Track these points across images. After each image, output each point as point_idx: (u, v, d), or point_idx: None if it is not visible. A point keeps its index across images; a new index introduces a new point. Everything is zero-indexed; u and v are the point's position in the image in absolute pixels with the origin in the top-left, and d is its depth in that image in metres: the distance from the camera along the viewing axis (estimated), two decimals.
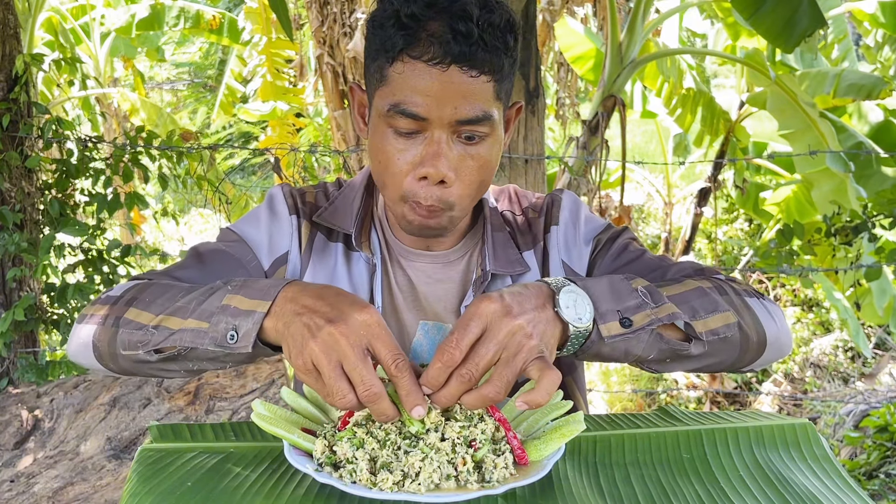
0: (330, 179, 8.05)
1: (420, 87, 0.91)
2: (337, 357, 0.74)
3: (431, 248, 1.10)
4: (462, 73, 0.91)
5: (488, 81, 0.93)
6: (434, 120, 0.92)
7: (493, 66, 0.92)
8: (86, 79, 4.14)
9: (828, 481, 0.85)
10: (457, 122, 0.92)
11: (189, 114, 12.22)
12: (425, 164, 0.94)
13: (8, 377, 3.03)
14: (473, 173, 0.97)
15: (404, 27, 0.91)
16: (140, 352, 0.88)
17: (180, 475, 0.81)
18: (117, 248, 3.04)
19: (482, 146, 0.96)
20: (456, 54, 0.89)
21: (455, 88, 0.91)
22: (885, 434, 3.53)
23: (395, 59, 0.92)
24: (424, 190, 0.96)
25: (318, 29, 5.32)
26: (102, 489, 2.14)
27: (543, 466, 0.81)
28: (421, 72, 0.91)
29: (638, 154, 9.90)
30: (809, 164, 3.83)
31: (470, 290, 1.08)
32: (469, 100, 0.92)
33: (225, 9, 9.15)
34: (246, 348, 0.81)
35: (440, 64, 0.90)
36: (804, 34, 3.09)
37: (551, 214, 1.13)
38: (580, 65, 5.22)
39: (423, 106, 0.91)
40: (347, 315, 0.75)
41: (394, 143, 0.95)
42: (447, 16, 0.90)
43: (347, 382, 0.74)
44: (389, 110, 0.93)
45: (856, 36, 7.35)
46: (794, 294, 6.83)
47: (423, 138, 0.94)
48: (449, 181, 0.95)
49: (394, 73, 0.93)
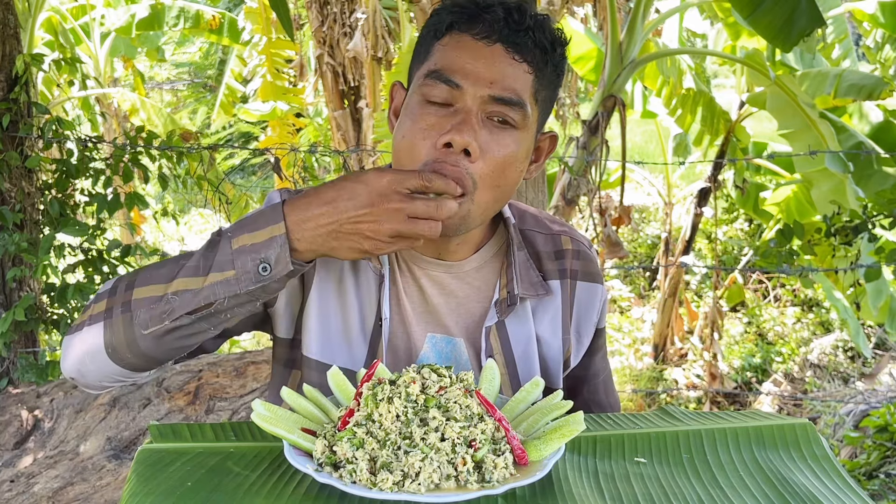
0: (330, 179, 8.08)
1: (463, 57, 0.92)
2: (389, 226, 0.86)
3: (444, 256, 1.06)
4: (506, 54, 0.92)
5: (529, 72, 0.93)
6: (469, 92, 0.92)
7: (537, 60, 0.93)
8: (86, 79, 4.14)
9: (828, 481, 0.85)
10: (490, 98, 0.92)
11: (189, 114, 12.21)
12: (451, 130, 0.92)
13: (8, 377, 3.03)
14: (497, 160, 0.94)
15: (460, 6, 0.93)
16: (167, 322, 0.89)
17: (180, 475, 0.80)
18: (117, 248, 3.04)
19: (510, 138, 0.94)
20: (504, 35, 0.91)
21: (496, 66, 0.92)
22: (885, 434, 3.53)
23: (443, 34, 0.94)
24: (447, 157, 0.92)
25: (318, 29, 5.33)
26: (102, 489, 2.14)
27: (543, 466, 0.81)
28: (466, 43, 0.92)
29: (638, 154, 9.90)
30: (809, 164, 3.83)
31: (493, 309, 1.05)
32: (506, 81, 0.92)
33: (225, 9, 9.14)
34: (287, 267, 0.87)
35: (486, 39, 0.91)
36: (803, 33, 3.09)
37: (591, 271, 1.14)
38: (580, 65, 5.22)
39: (461, 73, 0.92)
40: (364, 191, 0.86)
41: (422, 112, 0.94)
42: (504, 5, 0.93)
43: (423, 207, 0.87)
44: (428, 76, 0.93)
45: (856, 36, 7.35)
46: (794, 294, 6.83)
47: (453, 111, 0.93)
48: (473, 153, 0.92)
49: (439, 46, 0.94)
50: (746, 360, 5.96)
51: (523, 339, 1.07)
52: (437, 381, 0.85)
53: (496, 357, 1.05)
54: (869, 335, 6.00)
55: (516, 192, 2.77)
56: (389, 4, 5.26)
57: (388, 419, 0.81)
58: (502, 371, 1.06)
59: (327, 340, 1.04)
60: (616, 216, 4.39)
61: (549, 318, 1.09)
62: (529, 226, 1.13)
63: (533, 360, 1.07)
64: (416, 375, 0.85)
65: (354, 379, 0.99)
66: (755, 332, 6.47)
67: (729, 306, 6.33)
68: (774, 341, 6.33)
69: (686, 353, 6.06)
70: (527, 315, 1.07)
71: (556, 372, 1.11)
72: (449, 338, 1.06)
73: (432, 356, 1.06)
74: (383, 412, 0.82)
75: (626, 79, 3.91)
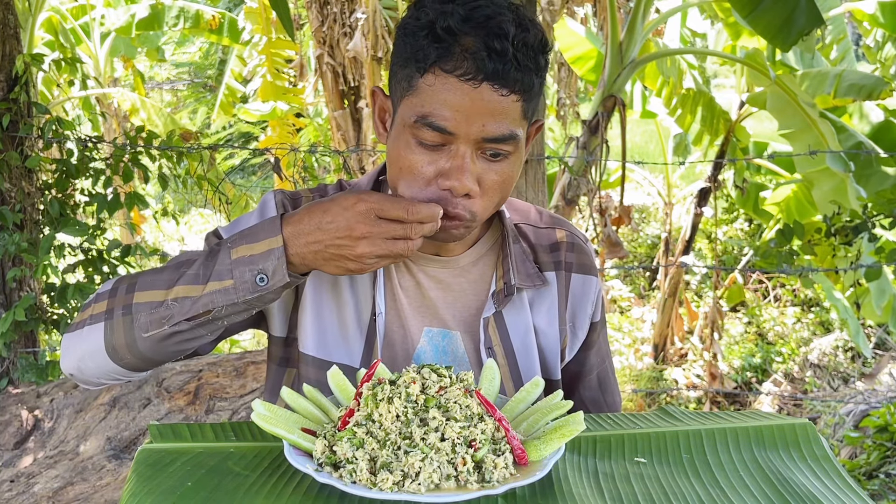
0: (330, 180, 8.00)
1: (450, 102, 0.91)
2: (367, 250, 0.89)
3: (441, 253, 1.08)
4: (493, 92, 0.90)
5: (517, 101, 0.93)
6: (461, 135, 0.92)
7: (524, 85, 0.92)
8: (86, 79, 4.14)
9: (828, 481, 0.85)
10: (483, 140, 0.93)
11: (189, 114, 12.21)
12: (450, 177, 0.94)
13: (8, 377, 3.03)
14: (495, 188, 0.97)
15: (439, 39, 0.91)
16: (166, 327, 0.93)
17: (180, 475, 0.81)
18: (117, 248, 3.04)
19: (505, 163, 0.96)
20: (489, 72, 0.89)
21: (485, 106, 0.91)
22: (885, 434, 3.53)
23: (426, 70, 0.92)
24: (449, 201, 0.96)
25: (318, 29, 5.33)
26: (102, 489, 2.14)
27: (543, 466, 0.81)
28: (452, 86, 0.91)
29: (638, 154, 9.90)
30: (809, 164, 3.83)
31: (490, 301, 1.07)
32: (497, 118, 0.92)
33: (225, 9, 9.14)
34: (283, 280, 0.91)
35: (472, 80, 0.90)
36: (802, 33, 3.09)
37: (585, 263, 1.15)
38: (580, 65, 5.22)
39: (452, 121, 0.91)
40: (343, 216, 0.89)
41: (417, 154, 0.95)
42: (483, 32, 0.89)
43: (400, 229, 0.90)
44: (416, 121, 0.93)
45: (856, 36, 7.35)
46: (794, 294, 6.83)
47: (448, 151, 0.94)
48: (474, 195, 0.96)
49: (424, 85, 0.92)
50: (746, 360, 5.96)
51: (521, 329, 1.08)
52: (437, 381, 0.85)
53: (495, 348, 1.06)
54: (869, 335, 6.00)
55: (516, 192, 2.77)
56: (389, 4, 5.26)
57: (388, 419, 0.82)
58: (502, 362, 1.06)
59: (323, 337, 1.06)
60: (616, 216, 4.38)
61: (545, 308, 1.11)
62: (524, 220, 1.15)
63: (532, 351, 1.08)
64: (416, 375, 0.86)
65: (354, 378, 0.99)
66: (755, 332, 6.47)
67: (729, 306, 6.33)
68: (774, 341, 6.33)
69: (686, 353, 6.06)
70: (524, 306, 1.09)
71: (553, 362, 1.12)
72: (445, 331, 1.08)
73: (429, 349, 1.07)
74: (383, 412, 0.82)
75: (626, 79, 3.91)
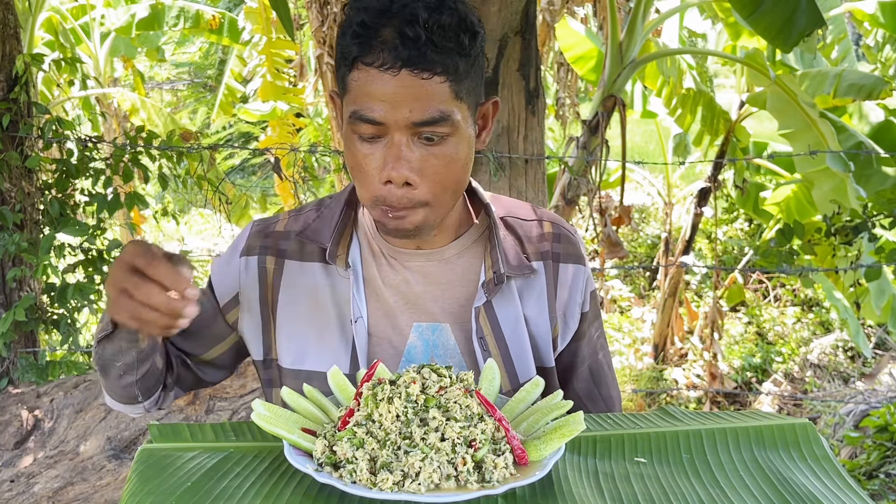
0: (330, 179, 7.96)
1: (375, 93, 0.93)
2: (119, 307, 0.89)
3: (422, 246, 1.09)
4: (413, 77, 0.92)
5: (443, 82, 0.93)
6: (391, 124, 0.94)
7: (447, 66, 0.93)
8: (86, 79, 4.14)
9: (828, 481, 0.85)
10: (413, 125, 0.93)
11: (189, 114, 12.21)
12: (387, 167, 0.95)
13: (8, 377, 3.03)
14: (439, 171, 0.97)
15: (358, 36, 0.93)
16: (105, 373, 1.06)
17: (180, 475, 0.81)
18: (117, 248, 3.04)
19: (445, 146, 0.96)
20: (405, 58, 0.91)
21: (408, 92, 0.92)
22: (885, 434, 3.53)
23: (352, 67, 0.94)
24: (391, 193, 0.97)
25: (318, 29, 5.32)
26: (102, 489, 2.14)
27: (543, 466, 0.81)
28: (374, 78, 0.92)
29: (638, 154, 9.90)
30: (809, 164, 3.83)
31: (481, 290, 1.07)
32: (423, 102, 0.93)
33: (225, 9, 9.13)
34: (108, 328, 0.99)
35: (391, 69, 0.91)
36: (803, 34, 3.08)
37: (572, 252, 1.14)
38: (580, 65, 5.22)
39: (380, 111, 0.93)
40: (112, 270, 0.91)
41: (360, 149, 0.97)
42: (397, 21, 0.91)
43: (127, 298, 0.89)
44: (351, 117, 0.95)
45: (856, 36, 7.35)
46: (794, 294, 6.83)
47: (385, 141, 0.95)
48: (413, 183, 0.96)
49: (352, 81, 0.95)
50: (746, 360, 5.96)
51: (511, 318, 1.08)
52: (437, 381, 0.85)
53: (487, 339, 1.07)
54: (869, 335, 6.00)
55: (516, 192, 2.76)
56: None
57: (388, 419, 0.82)
58: (494, 352, 1.07)
59: (301, 348, 1.09)
60: (616, 216, 4.39)
61: (534, 298, 1.11)
62: (510, 213, 1.16)
63: (523, 340, 1.09)
64: (416, 375, 0.86)
65: (354, 379, 0.99)
66: (755, 332, 6.47)
67: (729, 306, 6.33)
68: (774, 341, 6.33)
69: (686, 353, 6.06)
70: (513, 295, 1.09)
71: (546, 350, 1.12)
72: (435, 324, 1.08)
73: (419, 345, 1.08)
74: (383, 412, 0.82)
75: (626, 79, 3.91)
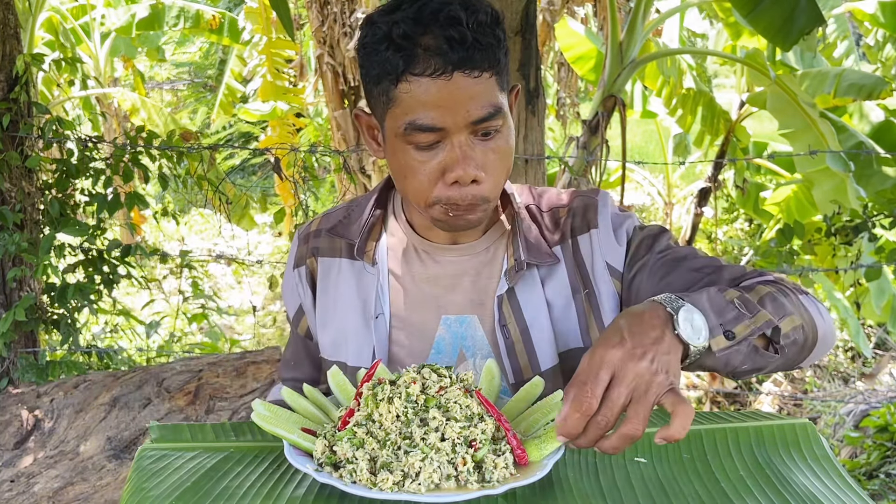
0: (330, 179, 7.93)
1: (430, 101, 0.94)
2: None
3: (458, 240, 1.11)
4: (466, 77, 0.93)
5: (490, 77, 0.96)
6: (450, 127, 0.95)
7: (492, 61, 0.95)
8: (86, 79, 4.14)
9: (828, 481, 0.85)
10: (472, 123, 0.95)
11: (189, 114, 12.20)
12: (454, 169, 0.96)
13: (8, 377, 3.03)
14: (498, 164, 1.00)
15: (400, 48, 0.93)
16: None
17: (180, 475, 0.81)
18: (117, 248, 3.04)
19: (500, 138, 0.99)
20: (455, 61, 0.92)
21: (463, 93, 0.94)
22: (885, 434, 3.53)
23: (399, 80, 0.95)
24: (459, 192, 0.98)
25: (318, 29, 5.32)
26: (102, 489, 2.14)
27: (543, 466, 0.81)
28: (427, 86, 0.93)
29: (638, 154, 9.90)
30: (809, 164, 3.82)
31: (503, 278, 1.09)
32: (478, 100, 0.95)
33: (225, 9, 9.13)
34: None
35: (444, 74, 0.93)
36: (802, 32, 3.08)
37: (587, 218, 1.12)
38: (580, 65, 5.22)
39: (438, 118, 0.94)
40: None
41: (417, 157, 0.98)
42: (437, 27, 0.92)
43: None
44: (406, 129, 0.96)
45: (857, 35, 7.34)
46: None
47: (444, 146, 0.97)
48: (480, 179, 0.98)
49: (401, 94, 0.95)
50: None
51: (534, 305, 1.09)
52: (437, 381, 0.85)
53: (509, 326, 1.08)
54: (869, 335, 5.99)
55: None
56: None
57: (388, 419, 0.82)
58: (516, 338, 1.08)
59: (332, 339, 1.14)
60: None
61: (558, 284, 1.11)
62: (528, 201, 1.16)
63: (545, 326, 1.09)
64: (416, 375, 0.86)
65: (355, 378, 0.99)
66: None
67: None
68: None
69: None
70: (535, 282, 1.10)
71: (573, 334, 1.11)
72: (462, 317, 1.10)
73: (447, 337, 1.10)
74: (383, 412, 0.82)
75: (626, 79, 3.91)
